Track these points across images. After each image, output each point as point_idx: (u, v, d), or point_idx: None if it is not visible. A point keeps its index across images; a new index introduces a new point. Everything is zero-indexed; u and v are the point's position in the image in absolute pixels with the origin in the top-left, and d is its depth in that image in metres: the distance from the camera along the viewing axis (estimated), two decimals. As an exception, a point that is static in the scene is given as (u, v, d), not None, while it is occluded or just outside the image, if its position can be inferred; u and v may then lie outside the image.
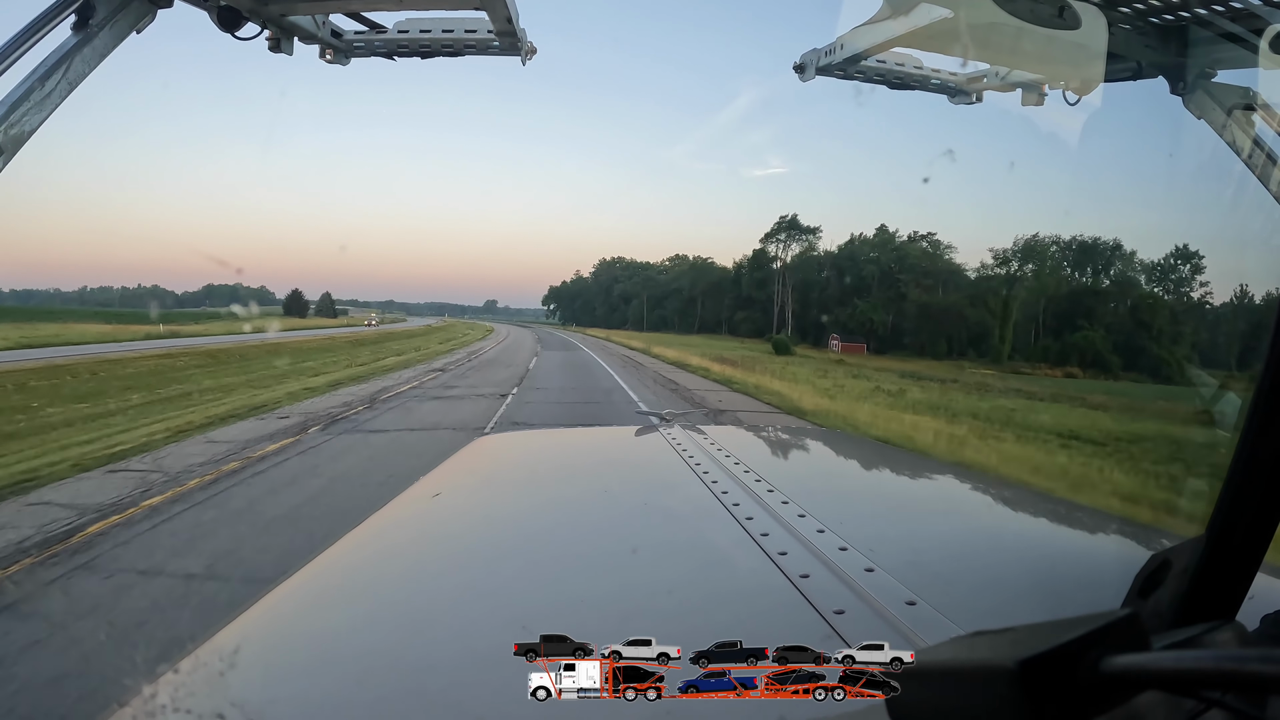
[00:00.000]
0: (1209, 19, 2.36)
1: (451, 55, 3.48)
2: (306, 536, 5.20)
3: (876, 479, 1.83)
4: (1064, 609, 0.90)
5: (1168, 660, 0.38)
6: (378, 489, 6.30)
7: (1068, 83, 3.02)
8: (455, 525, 1.31)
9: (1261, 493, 0.51)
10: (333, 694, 0.69)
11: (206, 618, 2.87)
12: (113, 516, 5.78)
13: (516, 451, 2.13)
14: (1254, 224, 2.51)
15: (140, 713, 0.65)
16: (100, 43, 2.62)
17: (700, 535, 1.13)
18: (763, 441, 2.34)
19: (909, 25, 2.97)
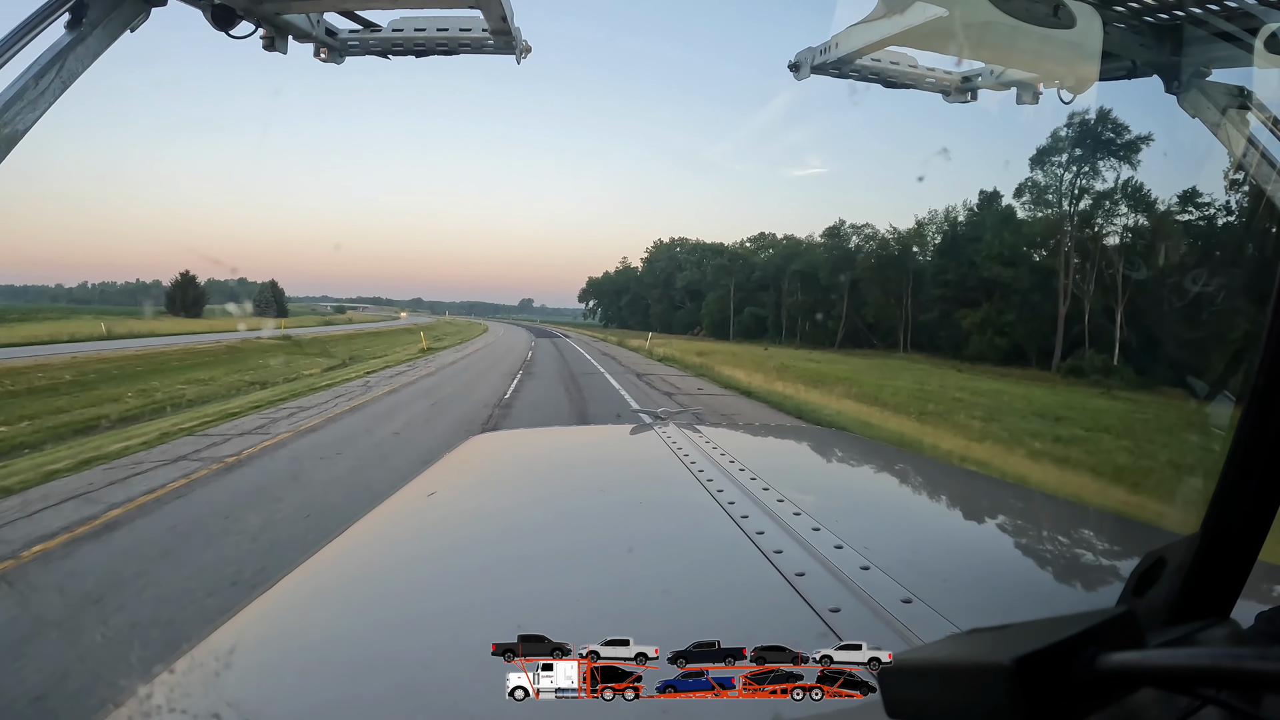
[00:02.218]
0: (1203, 18, 2.37)
1: (446, 54, 3.48)
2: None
3: (872, 477, 1.83)
4: (1059, 606, 0.91)
5: (1163, 658, 0.38)
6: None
7: (1062, 81, 3.03)
8: (450, 524, 1.31)
9: (1256, 490, 0.51)
10: (328, 693, 0.69)
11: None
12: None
13: (512, 450, 2.12)
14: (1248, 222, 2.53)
15: (136, 713, 0.65)
16: (94, 41, 2.61)
17: (696, 533, 1.13)
18: (758, 440, 2.34)
19: (906, 23, 2.97)
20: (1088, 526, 1.43)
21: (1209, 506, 0.52)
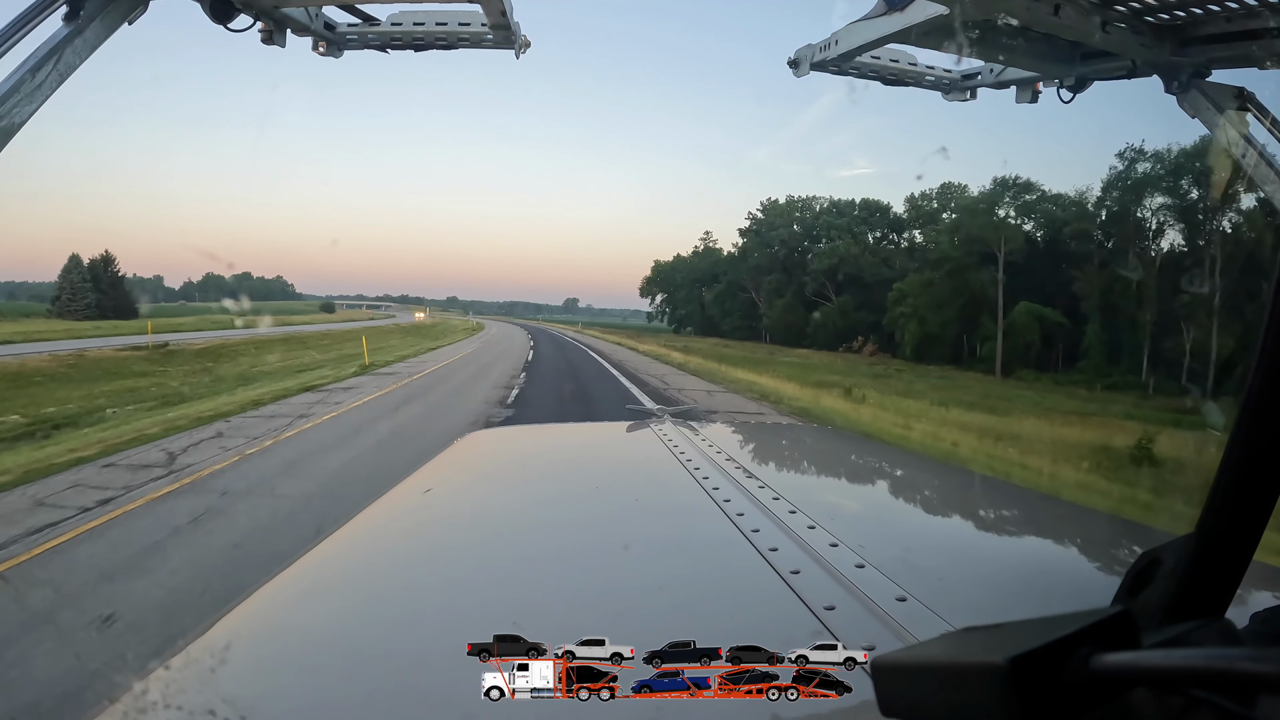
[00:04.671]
0: (1203, 19, 2.37)
1: (445, 48, 3.46)
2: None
3: (868, 476, 1.83)
4: (1054, 606, 0.91)
5: (1157, 658, 0.38)
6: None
7: (1063, 81, 3.03)
8: (447, 522, 1.31)
9: (1251, 491, 0.51)
10: (324, 690, 0.69)
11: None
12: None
13: (508, 447, 2.12)
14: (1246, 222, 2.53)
15: (131, 709, 0.65)
16: (91, 34, 2.60)
17: (691, 531, 1.13)
18: (754, 438, 2.34)
19: (904, 22, 2.96)
20: (1083, 526, 1.43)
21: (1204, 507, 0.52)
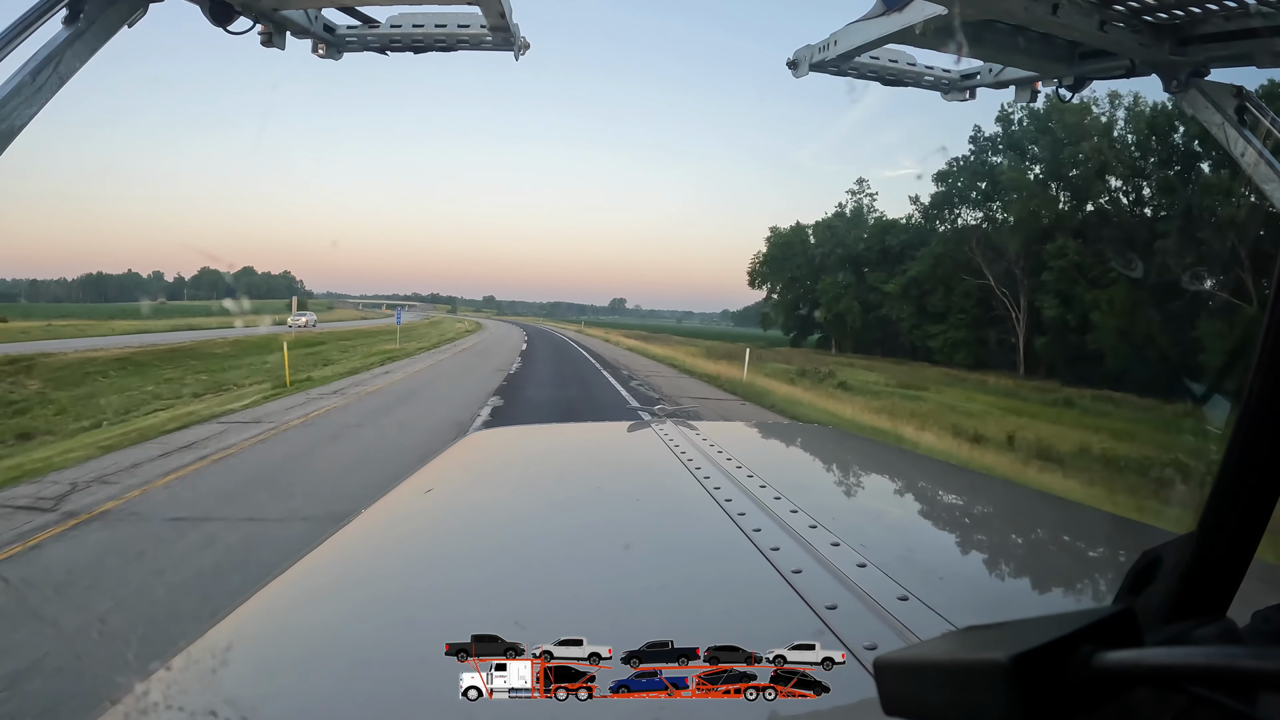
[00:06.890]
0: (1202, 18, 2.37)
1: (444, 50, 3.46)
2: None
3: (870, 475, 1.83)
4: (1056, 604, 0.91)
5: (1159, 656, 0.38)
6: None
7: (1061, 80, 3.03)
8: (448, 522, 1.31)
9: (1253, 489, 0.51)
10: (326, 690, 0.69)
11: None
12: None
13: (509, 447, 2.12)
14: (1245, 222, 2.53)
15: (133, 710, 0.65)
16: (91, 37, 2.60)
17: (693, 531, 1.13)
18: (756, 438, 2.34)
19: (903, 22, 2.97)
20: (1084, 525, 1.43)
21: (1206, 504, 0.52)
